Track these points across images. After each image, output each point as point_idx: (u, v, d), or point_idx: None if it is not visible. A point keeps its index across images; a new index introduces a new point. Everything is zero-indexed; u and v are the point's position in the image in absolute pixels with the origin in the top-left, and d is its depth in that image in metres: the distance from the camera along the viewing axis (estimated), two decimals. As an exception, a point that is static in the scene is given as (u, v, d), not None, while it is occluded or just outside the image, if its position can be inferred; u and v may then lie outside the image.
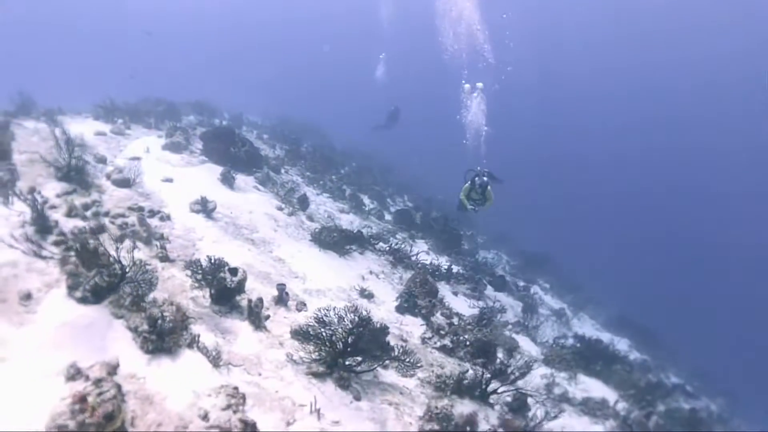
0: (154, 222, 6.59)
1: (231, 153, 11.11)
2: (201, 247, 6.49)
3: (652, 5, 43.81)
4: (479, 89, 11.65)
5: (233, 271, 5.28)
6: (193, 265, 5.27)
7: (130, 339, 3.91)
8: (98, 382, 2.97)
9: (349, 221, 12.12)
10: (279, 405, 3.95)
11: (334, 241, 8.94)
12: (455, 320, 7.60)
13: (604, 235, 41.65)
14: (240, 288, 5.30)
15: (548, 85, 57.47)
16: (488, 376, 5.53)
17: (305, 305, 6.03)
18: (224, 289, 5.17)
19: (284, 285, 5.97)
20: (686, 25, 44.24)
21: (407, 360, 5.23)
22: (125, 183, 7.36)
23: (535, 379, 6.87)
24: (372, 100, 24.26)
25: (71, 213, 5.72)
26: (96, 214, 5.95)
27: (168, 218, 6.91)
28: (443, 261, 12.15)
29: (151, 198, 7.48)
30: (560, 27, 52.77)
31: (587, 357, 9.29)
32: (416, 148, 38.06)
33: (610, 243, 40.02)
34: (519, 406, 5.62)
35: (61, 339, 3.65)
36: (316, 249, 8.61)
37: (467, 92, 11.70)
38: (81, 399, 2.79)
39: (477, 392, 5.44)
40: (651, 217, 49.28)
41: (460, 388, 5.37)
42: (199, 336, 4.25)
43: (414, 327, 7.22)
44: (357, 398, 4.50)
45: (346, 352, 4.76)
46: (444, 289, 9.83)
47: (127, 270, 4.38)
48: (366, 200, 15.27)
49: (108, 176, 7.35)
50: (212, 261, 5.24)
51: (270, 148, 15.82)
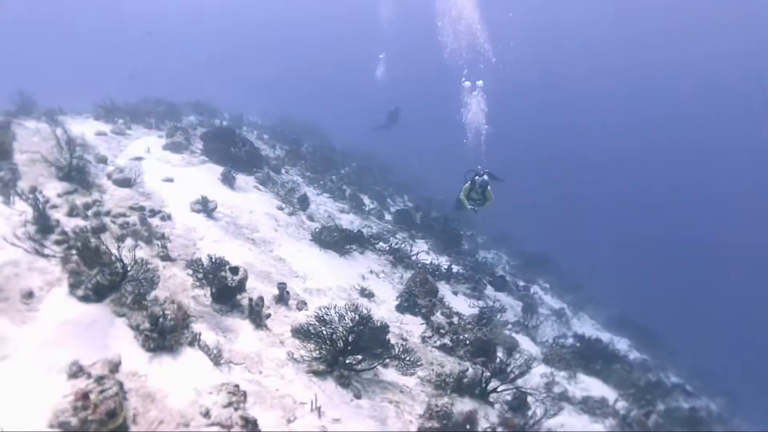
0: (155, 221, 6.61)
1: (231, 153, 11.12)
2: (202, 247, 6.50)
3: (652, 5, 43.84)
4: (479, 87, 11.66)
5: (234, 270, 5.30)
6: (194, 264, 5.28)
7: (132, 337, 3.93)
8: (100, 380, 2.98)
9: (350, 221, 12.13)
10: (280, 403, 3.96)
11: (335, 241, 8.96)
12: (455, 319, 7.62)
13: (604, 235, 41.68)
14: (241, 287, 5.32)
15: (548, 85, 57.51)
16: (488, 375, 5.56)
17: (306, 304, 6.05)
18: (225, 288, 5.19)
19: (285, 284, 5.99)
20: (686, 25, 44.27)
21: (407, 358, 5.25)
22: (126, 183, 7.38)
23: (535, 378, 6.88)
24: (372, 100, 24.30)
25: (72, 212, 5.73)
26: (97, 214, 5.97)
27: (169, 218, 6.93)
28: (443, 261, 12.16)
29: (152, 198, 7.50)
30: (560, 27, 52.79)
31: (587, 356, 9.30)
32: (416, 148, 38.10)
33: (610, 243, 40.03)
34: (519, 405, 5.63)
35: (63, 337, 3.66)
36: (317, 248, 8.63)
37: (467, 90, 11.72)
38: (83, 396, 2.81)
39: (477, 391, 5.46)
40: (651, 217, 49.30)
41: (460, 387, 5.40)
42: (201, 334, 4.27)
43: (414, 326, 7.24)
44: (357, 396, 4.52)
45: (347, 351, 4.77)
46: (444, 289, 9.84)
47: (129, 269, 4.39)
48: (366, 200, 15.28)
49: (109, 176, 7.36)
50: (213, 260, 5.26)
51: (270, 149, 15.84)
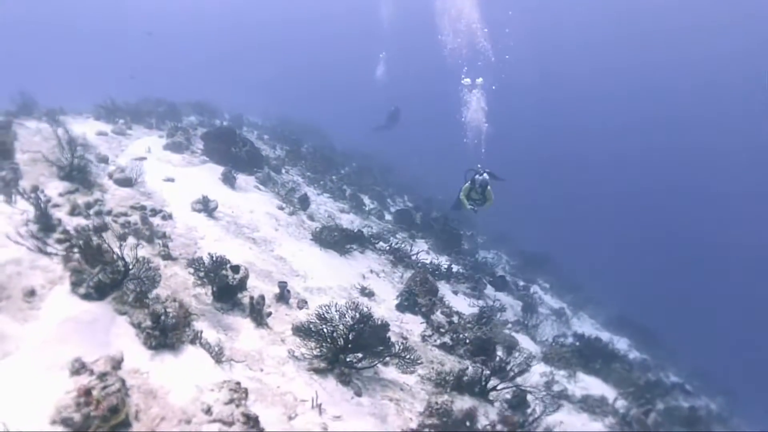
0: (156, 221, 6.63)
1: (232, 153, 11.15)
2: (203, 246, 6.53)
3: (652, 5, 43.87)
4: (479, 85, 11.67)
5: (235, 269, 5.32)
6: (196, 263, 5.31)
7: (134, 335, 3.95)
8: (103, 376, 3.00)
9: (350, 221, 12.16)
10: (281, 400, 3.99)
11: (335, 241, 8.98)
12: (455, 318, 7.64)
13: (604, 235, 41.69)
14: (242, 285, 5.34)
15: (548, 85, 57.54)
16: (488, 373, 5.58)
17: (306, 303, 6.07)
18: (226, 287, 5.21)
19: (286, 283, 6.02)
20: (686, 25, 44.29)
21: (408, 357, 5.27)
22: (127, 182, 7.41)
23: (535, 377, 6.90)
24: (372, 100, 24.32)
25: (74, 211, 5.76)
26: (99, 213, 5.99)
27: (170, 217, 6.95)
28: (443, 260, 12.18)
29: (153, 197, 7.52)
30: (560, 27, 52.82)
31: (587, 355, 9.33)
32: (416, 148, 38.13)
33: (610, 243, 40.05)
34: (518, 403, 5.65)
35: (65, 334, 3.68)
36: (317, 248, 8.66)
37: (467, 87, 11.72)
38: (86, 392, 2.83)
39: (477, 389, 5.48)
40: (651, 217, 49.32)
41: (460, 385, 5.42)
42: (202, 332, 4.29)
43: (414, 325, 7.26)
44: (358, 394, 4.54)
45: (347, 349, 4.80)
46: (444, 288, 9.86)
47: (131, 267, 4.41)
48: (366, 200, 15.31)
49: (110, 176, 7.39)
50: (214, 259, 5.29)
51: (270, 149, 15.87)
